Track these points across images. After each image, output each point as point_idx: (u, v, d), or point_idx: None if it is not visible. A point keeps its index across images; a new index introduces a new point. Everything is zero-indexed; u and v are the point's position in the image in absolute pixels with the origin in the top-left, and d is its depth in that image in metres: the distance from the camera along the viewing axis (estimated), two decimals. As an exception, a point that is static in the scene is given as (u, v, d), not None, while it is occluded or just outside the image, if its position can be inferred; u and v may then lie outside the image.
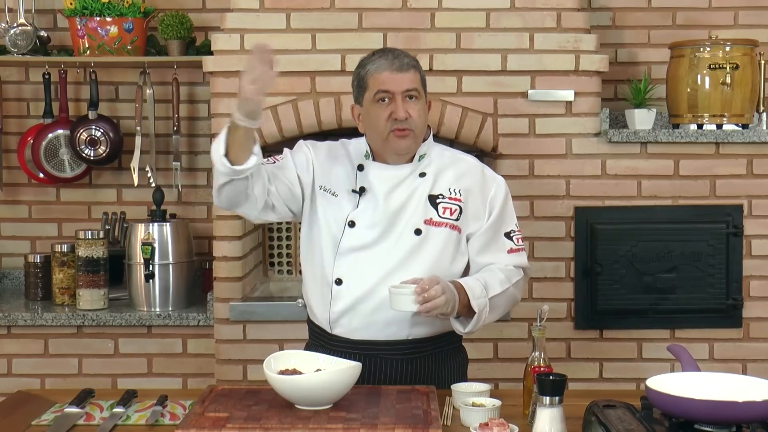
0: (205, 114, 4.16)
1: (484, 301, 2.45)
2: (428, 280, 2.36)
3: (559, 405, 1.99)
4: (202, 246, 4.14)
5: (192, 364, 3.83)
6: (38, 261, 3.99)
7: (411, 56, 2.56)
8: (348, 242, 2.53)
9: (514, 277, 2.57)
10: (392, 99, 2.49)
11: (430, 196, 2.55)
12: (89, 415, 2.30)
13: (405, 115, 2.48)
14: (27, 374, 3.81)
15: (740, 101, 3.67)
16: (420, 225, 2.52)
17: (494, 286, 2.49)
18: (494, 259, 2.57)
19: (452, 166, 2.61)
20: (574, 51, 3.59)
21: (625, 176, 3.65)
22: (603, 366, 3.69)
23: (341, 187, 2.58)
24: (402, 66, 2.50)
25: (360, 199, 2.56)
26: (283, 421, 2.13)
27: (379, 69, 2.51)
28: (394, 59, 2.51)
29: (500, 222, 2.59)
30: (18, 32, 4.02)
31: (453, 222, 2.54)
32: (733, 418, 1.89)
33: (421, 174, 2.57)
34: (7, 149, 4.19)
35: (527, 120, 3.62)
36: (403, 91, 2.49)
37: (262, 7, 3.61)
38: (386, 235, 2.52)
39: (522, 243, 2.63)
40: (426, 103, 2.58)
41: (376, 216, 2.53)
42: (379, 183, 2.55)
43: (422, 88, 2.55)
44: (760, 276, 3.70)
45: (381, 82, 2.50)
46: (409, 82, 2.49)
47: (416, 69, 2.53)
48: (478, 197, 2.58)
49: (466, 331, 2.49)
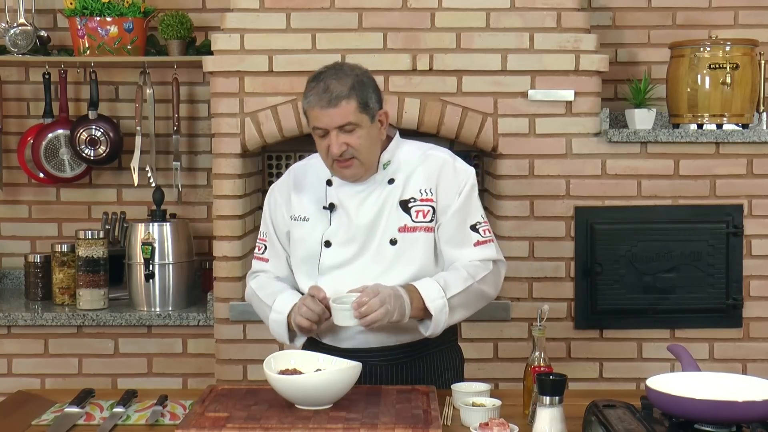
0: (205, 114, 4.16)
1: (441, 302, 2.41)
2: (368, 291, 2.33)
3: (559, 405, 1.99)
4: (202, 246, 4.13)
5: (192, 364, 3.83)
6: (38, 261, 3.99)
7: (346, 83, 2.41)
8: (327, 261, 2.52)
9: (481, 272, 2.50)
10: (328, 133, 2.44)
11: (401, 201, 2.51)
12: (89, 415, 2.30)
13: (339, 151, 2.42)
14: (27, 374, 3.81)
15: (740, 101, 3.67)
16: (394, 234, 2.49)
17: (455, 285, 2.44)
18: (461, 254, 2.51)
19: (422, 164, 2.55)
20: (574, 51, 3.59)
21: (625, 176, 3.65)
22: (603, 366, 3.69)
23: (312, 209, 2.56)
24: (331, 101, 2.39)
25: (332, 217, 2.54)
26: (283, 420, 2.13)
27: (310, 105, 2.43)
28: (324, 93, 2.40)
29: (465, 213, 2.53)
30: (18, 32, 4.02)
31: (427, 224, 2.51)
32: (733, 418, 1.89)
33: (390, 181, 2.53)
34: (7, 149, 4.19)
35: (527, 120, 3.62)
36: (336, 126, 2.41)
37: (262, 7, 3.61)
38: (363, 251, 2.50)
39: (489, 234, 2.56)
40: (373, 123, 2.46)
41: (350, 232, 2.51)
42: (348, 198, 2.53)
43: (363, 112, 2.43)
44: (760, 276, 3.70)
45: (314, 117, 2.44)
46: (340, 118, 2.40)
47: (349, 98, 2.40)
48: (450, 191, 2.53)
49: (428, 333, 2.46)
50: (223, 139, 3.64)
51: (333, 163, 2.48)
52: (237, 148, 3.63)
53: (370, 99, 2.45)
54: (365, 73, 2.50)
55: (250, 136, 3.62)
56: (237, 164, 3.65)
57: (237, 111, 3.61)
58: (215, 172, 3.69)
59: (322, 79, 2.43)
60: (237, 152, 3.64)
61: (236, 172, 3.65)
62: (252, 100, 3.59)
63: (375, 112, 2.47)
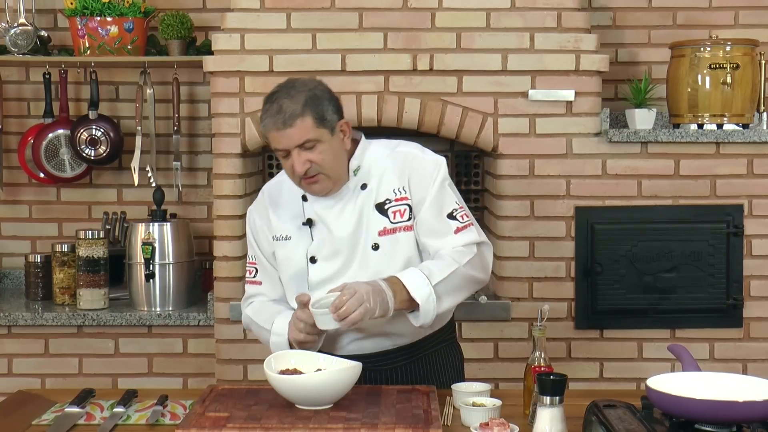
0: (205, 114, 4.16)
1: (427, 290, 2.36)
2: (345, 291, 2.29)
3: (560, 405, 1.99)
4: (203, 246, 4.14)
5: (192, 363, 3.83)
6: (39, 261, 3.99)
7: (299, 100, 2.38)
8: (315, 277, 2.50)
9: (465, 256, 2.44)
10: (290, 153, 2.41)
11: (377, 205, 2.49)
12: (89, 415, 2.30)
13: (303, 169, 2.40)
14: (27, 374, 3.81)
15: (740, 101, 3.66)
16: (375, 239, 2.47)
17: (439, 271, 2.39)
18: (443, 243, 2.47)
19: (391, 163, 2.51)
20: (574, 51, 3.59)
21: (626, 176, 3.65)
22: (603, 366, 3.69)
23: (292, 227, 2.54)
24: (286, 121, 2.36)
25: (312, 232, 2.52)
26: (283, 420, 2.13)
27: (266, 128, 2.40)
28: (278, 114, 2.37)
29: (440, 203, 2.49)
30: (18, 32, 4.02)
31: (406, 224, 2.48)
32: (733, 418, 1.89)
33: (363, 186, 2.50)
34: (8, 149, 4.19)
35: (527, 120, 3.62)
36: (296, 145, 2.38)
37: (262, 7, 3.61)
38: (349, 262, 2.49)
39: (468, 218, 2.51)
40: (334, 135, 2.43)
41: (333, 246, 2.49)
42: (325, 211, 2.51)
43: (320, 127, 2.39)
44: (761, 276, 3.70)
45: (273, 140, 2.42)
46: (298, 137, 2.37)
47: (304, 116, 2.37)
48: (422, 184, 2.49)
49: (419, 324, 2.40)
50: (224, 139, 3.64)
51: (300, 181, 2.45)
52: (237, 148, 3.63)
53: (326, 112, 2.41)
54: (318, 86, 2.45)
55: (250, 136, 3.62)
56: (237, 164, 3.65)
57: (237, 111, 3.61)
58: (215, 172, 3.69)
59: (275, 100, 2.40)
60: (237, 152, 3.64)
61: (236, 172, 3.65)
62: (252, 100, 3.59)
63: (334, 124, 2.43)
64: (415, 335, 2.53)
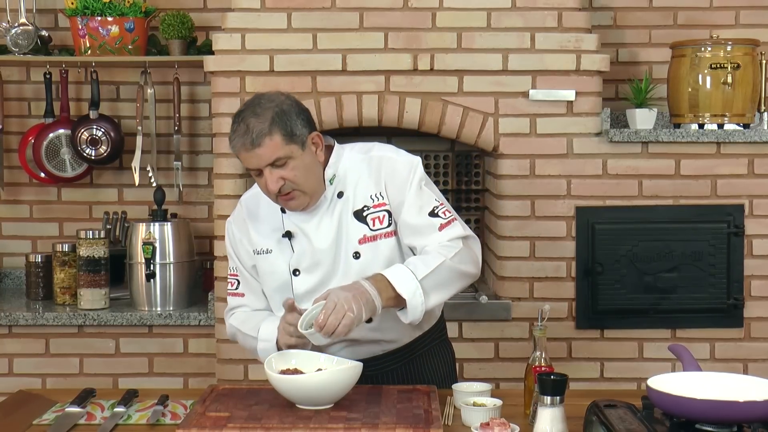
0: (206, 113, 4.16)
1: (414, 285, 2.31)
2: (326, 305, 2.24)
3: (560, 405, 1.99)
4: (203, 245, 4.14)
5: (193, 363, 3.83)
6: (39, 261, 4.00)
7: (265, 118, 2.34)
8: (300, 288, 2.49)
9: (452, 250, 2.38)
10: (261, 172, 2.39)
11: (355, 212, 2.46)
12: (90, 415, 2.30)
13: (277, 186, 2.37)
14: (28, 374, 3.81)
15: (741, 101, 3.66)
16: (356, 247, 2.45)
17: (425, 266, 2.34)
18: (429, 242, 2.41)
19: (367, 169, 2.47)
20: (575, 51, 3.59)
21: (626, 176, 3.65)
22: (604, 366, 3.69)
23: (272, 240, 2.52)
24: (254, 141, 2.32)
25: (292, 243, 2.50)
26: (284, 420, 2.13)
27: (235, 149, 2.37)
28: (245, 135, 2.33)
29: (419, 203, 2.45)
30: (19, 32, 4.02)
31: (386, 230, 2.46)
32: (734, 418, 1.89)
33: (339, 194, 2.48)
34: (9, 149, 4.20)
35: (528, 120, 3.61)
36: (266, 164, 2.35)
37: (263, 7, 3.61)
38: (332, 272, 2.46)
39: (450, 214, 2.46)
40: (305, 149, 2.39)
41: (314, 257, 2.47)
42: (304, 223, 2.48)
43: (290, 143, 2.35)
44: (761, 276, 3.70)
45: (243, 160, 2.39)
46: (268, 155, 2.34)
47: (272, 134, 2.33)
48: (400, 187, 2.46)
49: (408, 321, 2.36)
50: (224, 138, 3.62)
51: (276, 198, 2.43)
52: (238, 147, 3.63)
53: (295, 127, 2.37)
54: (285, 101, 2.41)
55: (251, 135, 3.61)
56: (238, 164, 3.64)
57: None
58: (216, 172, 3.69)
59: (241, 119, 2.36)
60: (238, 152, 3.63)
61: (237, 172, 3.65)
62: (253, 99, 3.59)
63: (305, 138, 2.39)
64: (405, 338, 2.52)
